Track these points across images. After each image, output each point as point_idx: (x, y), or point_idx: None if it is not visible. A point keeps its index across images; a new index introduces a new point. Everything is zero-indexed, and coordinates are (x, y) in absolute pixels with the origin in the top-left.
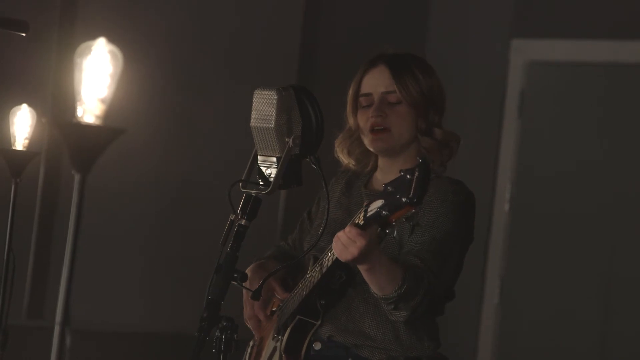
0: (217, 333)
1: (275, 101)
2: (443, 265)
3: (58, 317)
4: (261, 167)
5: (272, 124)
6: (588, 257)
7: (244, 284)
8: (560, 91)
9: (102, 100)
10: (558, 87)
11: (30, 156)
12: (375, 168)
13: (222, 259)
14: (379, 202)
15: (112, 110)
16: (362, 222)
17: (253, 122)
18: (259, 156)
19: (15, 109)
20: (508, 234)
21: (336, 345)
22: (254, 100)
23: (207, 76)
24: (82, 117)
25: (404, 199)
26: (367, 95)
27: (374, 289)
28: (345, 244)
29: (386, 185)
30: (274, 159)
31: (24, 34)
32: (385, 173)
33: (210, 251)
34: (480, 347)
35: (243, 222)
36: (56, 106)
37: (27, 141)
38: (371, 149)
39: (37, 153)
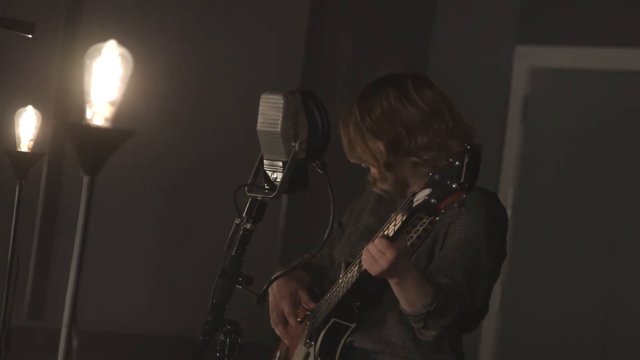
0: (222, 337)
1: (282, 105)
2: (476, 286)
3: (65, 319)
4: (267, 171)
5: (278, 128)
6: (589, 263)
7: (249, 287)
8: (564, 97)
9: (112, 103)
10: (561, 93)
11: (35, 157)
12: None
13: (227, 262)
14: (426, 191)
15: (122, 112)
16: (392, 233)
17: (259, 126)
18: (265, 160)
19: (20, 110)
20: (510, 240)
21: (357, 351)
22: (261, 104)
23: (215, 79)
24: (91, 119)
25: (454, 185)
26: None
27: (403, 304)
28: (375, 256)
29: (433, 173)
30: (280, 163)
31: (30, 35)
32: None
33: (215, 255)
34: (481, 354)
35: (248, 226)
36: (61, 108)
37: (32, 143)
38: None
39: (41, 154)
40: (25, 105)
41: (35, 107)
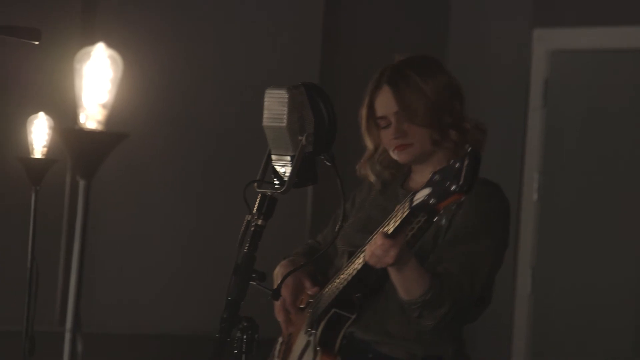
0: (238, 334)
1: (286, 100)
2: (474, 278)
3: (68, 323)
4: (276, 167)
5: (284, 123)
6: (619, 243)
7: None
8: (585, 79)
9: (104, 106)
10: (582, 74)
11: (49, 164)
12: (410, 168)
13: (240, 259)
14: (425, 191)
15: (114, 114)
16: (392, 230)
17: (265, 122)
18: (273, 155)
19: (32, 117)
20: (537, 224)
21: (358, 342)
22: (265, 99)
23: (211, 78)
24: (84, 123)
25: (453, 187)
26: (383, 117)
27: (400, 292)
28: (379, 256)
29: (434, 173)
30: (288, 158)
31: (36, 42)
32: (421, 174)
33: (227, 252)
34: (515, 338)
35: (259, 222)
36: (73, 114)
37: (45, 149)
38: (399, 161)
39: (55, 160)
40: (37, 111)
41: (47, 113)
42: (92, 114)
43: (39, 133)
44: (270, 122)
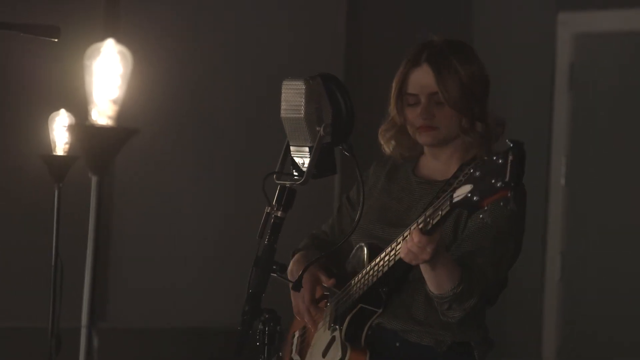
0: (260, 326)
1: (303, 91)
2: (498, 267)
3: (84, 319)
4: (294, 158)
5: (302, 114)
6: None
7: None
8: (610, 62)
9: (114, 101)
10: (607, 58)
11: (71, 161)
12: (421, 152)
13: (261, 252)
14: (467, 187)
15: (125, 110)
16: (430, 227)
17: (283, 113)
18: (291, 147)
19: (53, 114)
20: (566, 208)
21: (385, 331)
22: (283, 91)
23: (231, 70)
24: (95, 119)
25: (499, 184)
26: (414, 95)
27: (430, 286)
28: (416, 253)
29: (471, 168)
30: (307, 149)
31: (55, 40)
32: (435, 159)
33: (249, 245)
34: (545, 323)
35: (279, 213)
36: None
37: (67, 146)
38: (420, 142)
39: (77, 157)
40: (58, 108)
41: (68, 110)
42: (103, 110)
43: (61, 130)
44: (288, 114)
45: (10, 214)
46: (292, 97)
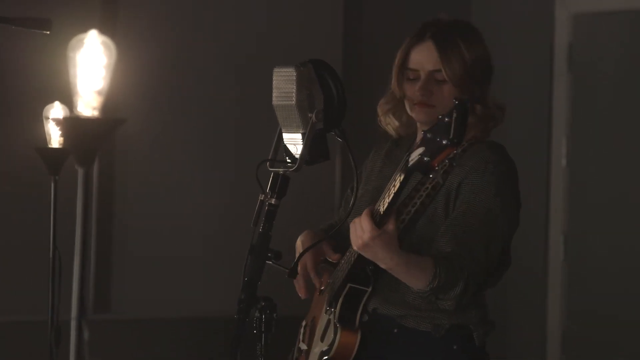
0: (257, 314)
1: (294, 78)
2: (488, 246)
3: (73, 311)
4: (287, 145)
5: (293, 101)
6: None
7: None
8: (609, 41)
9: (99, 92)
10: (606, 37)
11: (66, 153)
12: (415, 133)
13: (255, 239)
14: (419, 150)
15: (112, 101)
16: (392, 196)
17: (275, 101)
18: (284, 134)
19: (48, 107)
20: (567, 189)
21: (382, 317)
22: (274, 78)
23: (214, 62)
24: (81, 111)
25: (444, 141)
26: (414, 70)
27: (408, 284)
28: (355, 233)
29: (425, 132)
30: (299, 136)
31: (47, 32)
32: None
33: (245, 234)
34: (549, 305)
35: (273, 201)
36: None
37: (62, 138)
38: (414, 118)
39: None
40: (52, 101)
41: (62, 102)
42: (87, 101)
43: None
44: (279, 101)
45: (7, 208)
46: (284, 84)
